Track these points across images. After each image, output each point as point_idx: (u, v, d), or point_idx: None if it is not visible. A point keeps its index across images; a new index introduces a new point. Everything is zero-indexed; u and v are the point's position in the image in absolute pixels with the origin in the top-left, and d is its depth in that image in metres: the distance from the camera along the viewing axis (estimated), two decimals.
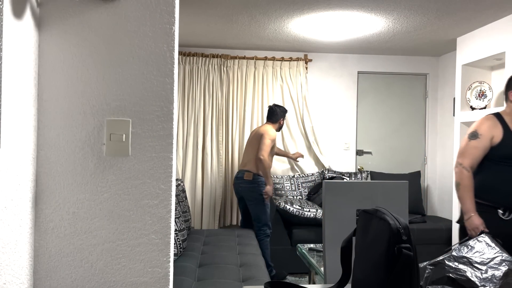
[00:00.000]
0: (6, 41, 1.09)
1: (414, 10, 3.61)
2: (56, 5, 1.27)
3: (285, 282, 1.11)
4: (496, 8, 3.53)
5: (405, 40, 4.60)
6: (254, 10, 3.71)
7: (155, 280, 1.31)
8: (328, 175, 5.05)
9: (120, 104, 1.29)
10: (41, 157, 1.27)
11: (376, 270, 0.97)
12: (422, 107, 5.42)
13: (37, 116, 1.27)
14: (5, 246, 1.11)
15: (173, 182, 1.33)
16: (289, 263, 4.24)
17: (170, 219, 1.31)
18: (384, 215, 0.99)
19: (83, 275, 1.29)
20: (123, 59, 1.29)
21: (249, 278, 2.61)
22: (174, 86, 1.31)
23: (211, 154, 4.99)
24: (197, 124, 4.99)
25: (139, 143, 1.30)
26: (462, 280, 1.02)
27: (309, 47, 4.98)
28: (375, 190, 1.70)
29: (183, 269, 2.68)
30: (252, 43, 4.84)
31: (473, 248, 1.08)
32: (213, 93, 5.02)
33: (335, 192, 1.66)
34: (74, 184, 1.28)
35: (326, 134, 5.29)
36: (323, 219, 1.65)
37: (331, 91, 5.27)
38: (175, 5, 1.31)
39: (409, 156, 5.42)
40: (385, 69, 5.33)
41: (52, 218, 1.28)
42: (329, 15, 3.79)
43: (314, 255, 2.97)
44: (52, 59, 1.28)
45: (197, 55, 4.99)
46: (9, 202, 1.13)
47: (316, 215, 4.32)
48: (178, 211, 3.03)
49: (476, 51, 4.13)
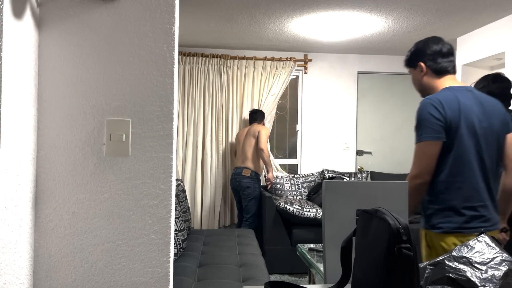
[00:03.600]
0: (6, 41, 1.09)
1: (414, 10, 3.61)
2: (56, 5, 1.27)
3: (285, 282, 1.11)
4: (496, 8, 3.53)
5: (405, 40, 4.60)
6: (254, 10, 3.71)
7: (155, 280, 1.31)
8: (328, 175, 5.05)
9: (120, 104, 1.29)
10: (41, 157, 1.27)
11: (376, 270, 0.97)
12: None
13: (37, 116, 1.27)
14: (5, 246, 1.11)
15: (173, 182, 1.33)
16: (289, 263, 4.24)
17: (170, 219, 1.31)
18: (384, 215, 0.99)
19: (83, 275, 1.29)
20: (123, 59, 1.29)
21: (249, 278, 2.61)
22: (174, 86, 1.31)
23: (211, 154, 4.99)
24: (197, 124, 4.99)
25: (139, 143, 1.30)
26: (462, 280, 1.02)
27: (309, 47, 4.98)
28: (375, 190, 1.70)
29: (183, 269, 2.68)
30: (252, 43, 4.84)
31: (473, 248, 1.08)
32: (213, 93, 5.02)
33: (335, 192, 1.66)
34: (74, 184, 1.28)
35: (326, 134, 5.29)
36: (323, 219, 1.65)
37: (331, 91, 5.27)
38: (175, 5, 1.31)
39: (409, 156, 5.39)
40: (385, 69, 5.33)
41: (52, 218, 1.28)
42: (329, 15, 3.79)
43: (314, 255, 2.97)
44: (52, 59, 1.28)
45: (197, 55, 4.99)
46: (9, 202, 1.13)
47: (316, 215, 4.32)
48: (178, 211, 3.03)
49: (476, 51, 4.13)
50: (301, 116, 5.32)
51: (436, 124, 1.76)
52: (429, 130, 1.76)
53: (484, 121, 1.81)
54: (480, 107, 1.82)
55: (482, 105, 1.83)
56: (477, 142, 1.79)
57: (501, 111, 1.88)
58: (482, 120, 1.81)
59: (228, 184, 5.04)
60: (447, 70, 1.89)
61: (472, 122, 1.78)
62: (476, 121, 1.80)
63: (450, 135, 1.77)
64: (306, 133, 5.30)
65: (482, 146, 1.80)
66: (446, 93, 1.81)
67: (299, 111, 5.35)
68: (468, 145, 1.78)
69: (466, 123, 1.77)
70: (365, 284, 1.01)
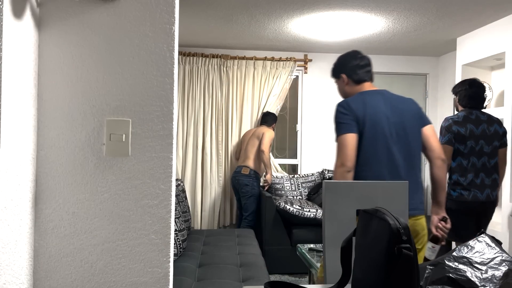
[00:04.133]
0: (6, 41, 1.09)
1: (414, 10, 3.61)
2: (56, 5, 1.27)
3: (285, 282, 1.11)
4: (496, 8, 3.53)
5: (405, 40, 4.60)
6: (254, 10, 3.71)
7: (155, 280, 1.31)
8: (328, 175, 5.05)
9: (120, 104, 1.29)
10: (41, 157, 1.27)
11: (376, 270, 0.97)
12: (422, 107, 5.42)
13: (37, 116, 1.27)
14: (5, 246, 1.11)
15: (173, 182, 1.33)
16: (289, 263, 4.24)
17: (170, 219, 1.31)
18: (384, 215, 0.99)
19: (83, 275, 1.29)
20: (123, 59, 1.29)
21: (249, 278, 2.61)
22: (174, 86, 1.31)
23: (210, 154, 4.99)
24: (197, 124, 4.99)
25: (139, 143, 1.30)
26: (462, 280, 1.02)
27: (309, 47, 4.98)
28: (375, 190, 1.70)
29: (183, 269, 2.68)
30: (252, 43, 4.84)
31: (473, 248, 1.08)
32: (213, 93, 5.02)
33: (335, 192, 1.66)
34: (74, 184, 1.28)
35: (326, 134, 5.29)
36: (323, 219, 1.65)
37: (331, 91, 5.27)
38: (175, 5, 1.31)
39: None
40: (385, 69, 5.33)
41: (52, 218, 1.28)
42: (329, 15, 3.79)
43: (314, 255, 2.97)
44: (52, 59, 1.28)
45: (197, 55, 4.99)
46: (9, 202, 1.13)
47: (316, 215, 4.32)
48: (178, 211, 3.03)
49: (476, 51, 4.13)
50: (301, 116, 5.32)
51: (347, 119, 2.03)
52: (343, 125, 2.03)
53: (393, 117, 2.04)
54: (389, 105, 2.07)
55: (392, 104, 2.08)
56: (384, 136, 2.02)
57: (413, 108, 2.12)
58: (390, 117, 2.04)
59: (228, 184, 5.05)
60: (364, 79, 2.19)
61: (378, 119, 2.02)
62: (383, 117, 2.03)
63: (359, 129, 2.02)
64: (306, 133, 5.29)
65: (391, 139, 2.02)
66: (355, 97, 2.11)
67: (299, 111, 5.35)
68: (374, 138, 2.01)
69: (373, 119, 2.02)
70: (365, 284, 1.01)
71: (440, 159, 2.13)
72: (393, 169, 2.02)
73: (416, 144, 2.08)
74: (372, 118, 2.02)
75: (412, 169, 2.07)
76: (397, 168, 2.02)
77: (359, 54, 2.22)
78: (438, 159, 2.12)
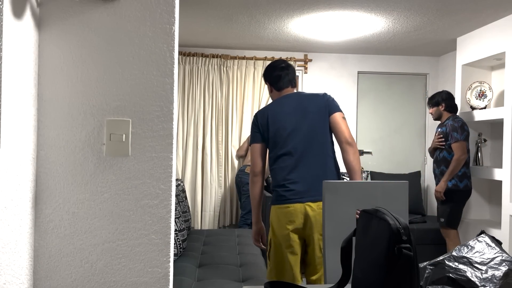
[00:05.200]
0: (6, 41, 1.09)
1: (414, 10, 3.61)
2: (56, 5, 1.27)
3: (285, 282, 1.11)
4: (496, 8, 3.53)
5: (405, 40, 4.60)
6: (254, 10, 3.71)
7: (155, 280, 1.31)
8: None
9: (120, 104, 1.29)
10: (41, 157, 1.27)
11: (376, 270, 0.97)
12: (422, 107, 5.42)
13: (37, 116, 1.27)
14: (5, 246, 1.11)
15: (173, 182, 1.33)
16: None
17: (170, 219, 1.31)
18: (384, 215, 0.99)
19: (83, 275, 1.29)
20: (123, 59, 1.29)
21: (249, 278, 2.61)
22: (174, 86, 1.31)
23: (210, 154, 4.99)
24: (197, 124, 4.99)
25: (139, 143, 1.30)
26: (462, 280, 1.02)
27: (309, 47, 4.97)
28: (375, 190, 1.70)
29: (183, 269, 2.68)
30: (252, 43, 4.84)
31: (473, 248, 1.08)
32: (213, 93, 5.02)
33: (335, 192, 1.66)
34: (74, 184, 1.28)
35: None
36: (323, 219, 1.65)
37: (331, 91, 5.27)
38: (175, 5, 1.31)
39: (409, 156, 5.41)
40: (385, 69, 5.33)
41: (52, 218, 1.28)
42: (329, 15, 3.79)
43: None
44: (52, 59, 1.28)
45: (197, 55, 4.99)
46: (9, 202, 1.13)
47: None
48: (178, 211, 3.03)
49: (476, 51, 4.13)
50: None
51: (255, 129, 2.38)
52: (252, 136, 2.39)
53: (294, 114, 2.30)
54: (294, 104, 2.33)
55: (297, 103, 2.33)
56: (285, 130, 2.28)
57: (319, 101, 2.33)
58: (291, 113, 2.30)
59: (228, 184, 5.05)
60: (284, 87, 2.45)
61: (278, 119, 2.31)
62: (283, 115, 2.31)
63: (264, 136, 2.34)
64: None
65: (294, 134, 2.27)
66: (268, 105, 2.41)
67: None
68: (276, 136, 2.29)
69: (273, 120, 2.31)
70: (365, 284, 1.01)
71: (345, 143, 2.28)
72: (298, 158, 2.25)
73: (322, 133, 2.30)
74: (272, 119, 2.31)
75: (318, 156, 2.27)
76: (300, 157, 2.25)
77: (281, 64, 2.47)
78: (345, 143, 2.28)
